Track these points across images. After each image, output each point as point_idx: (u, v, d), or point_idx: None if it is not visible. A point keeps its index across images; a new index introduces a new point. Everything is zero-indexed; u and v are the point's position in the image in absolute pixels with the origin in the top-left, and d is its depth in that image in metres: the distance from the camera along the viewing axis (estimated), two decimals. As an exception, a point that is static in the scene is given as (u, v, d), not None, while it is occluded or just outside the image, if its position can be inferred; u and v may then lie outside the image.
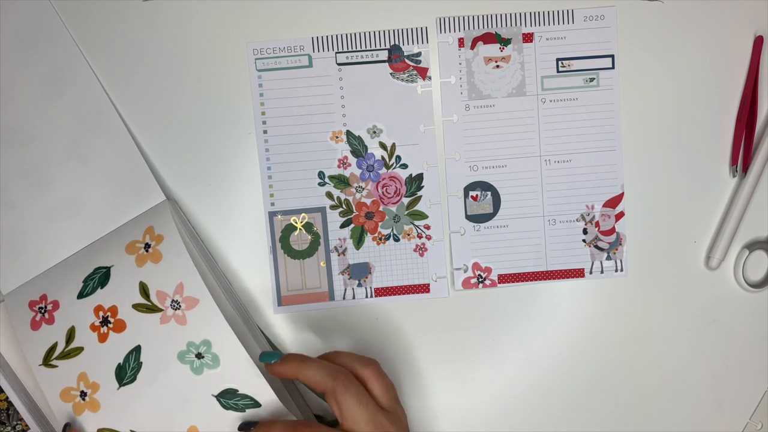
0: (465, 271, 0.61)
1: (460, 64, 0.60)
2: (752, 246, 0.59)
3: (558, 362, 0.61)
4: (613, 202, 0.60)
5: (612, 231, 0.60)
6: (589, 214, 0.61)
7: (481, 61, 0.60)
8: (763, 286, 0.60)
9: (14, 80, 0.59)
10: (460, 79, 0.60)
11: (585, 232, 0.61)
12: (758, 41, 0.59)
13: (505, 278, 0.61)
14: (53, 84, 0.59)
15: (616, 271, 0.61)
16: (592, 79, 0.60)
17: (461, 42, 0.60)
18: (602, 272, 0.61)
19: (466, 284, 0.60)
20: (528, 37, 0.60)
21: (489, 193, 0.60)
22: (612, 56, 0.60)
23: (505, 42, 0.60)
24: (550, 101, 0.60)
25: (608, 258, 0.61)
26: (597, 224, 0.61)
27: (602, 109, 0.60)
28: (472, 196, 0.60)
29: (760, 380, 0.61)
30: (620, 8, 0.59)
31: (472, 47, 0.60)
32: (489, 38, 0.60)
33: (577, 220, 0.61)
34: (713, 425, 0.61)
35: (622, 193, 0.60)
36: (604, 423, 0.61)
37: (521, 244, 0.61)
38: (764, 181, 0.60)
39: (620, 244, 0.61)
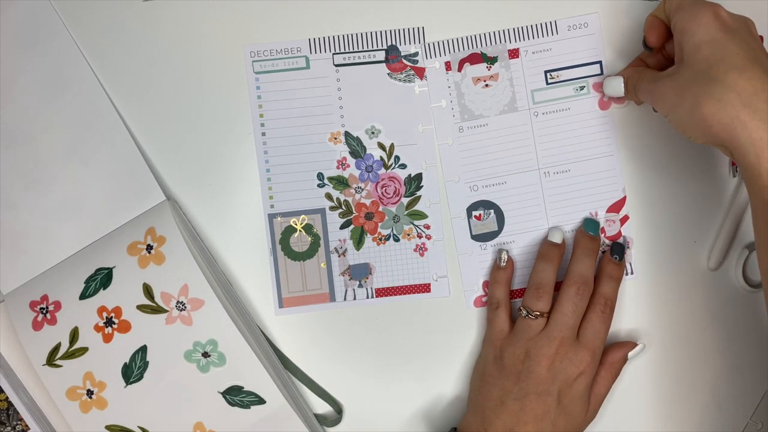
0: (476, 291, 0.64)
1: (449, 87, 0.63)
2: (752, 246, 0.62)
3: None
4: (616, 206, 0.63)
5: (618, 235, 0.63)
6: None
7: (469, 82, 0.63)
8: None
9: (14, 80, 0.62)
10: (451, 102, 0.63)
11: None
12: (758, 41, 0.62)
13: (515, 293, 0.63)
14: (53, 84, 0.62)
15: (626, 274, 0.63)
16: (582, 87, 0.63)
17: (448, 65, 0.63)
18: None
19: (478, 303, 0.64)
20: (514, 53, 0.63)
21: (492, 211, 0.64)
22: (600, 62, 0.63)
23: (491, 60, 0.63)
24: (543, 114, 0.63)
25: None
26: (603, 230, 0.63)
27: (596, 116, 0.63)
28: (475, 216, 0.64)
29: (760, 380, 0.63)
30: (608, 11, 0.63)
31: (459, 69, 0.63)
32: (475, 58, 0.63)
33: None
34: (713, 425, 0.63)
35: (624, 197, 0.63)
36: (604, 423, 0.63)
37: (529, 259, 0.63)
38: (764, 181, 0.62)
39: (628, 248, 0.63)
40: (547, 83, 0.63)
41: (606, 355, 0.60)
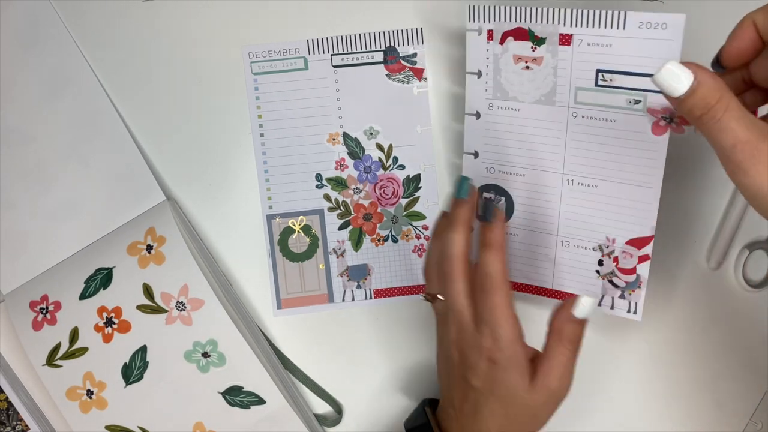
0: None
1: (487, 58, 0.57)
2: (752, 246, 0.63)
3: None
4: (639, 242, 0.57)
5: (632, 271, 0.57)
6: (608, 247, 0.58)
7: (510, 58, 0.56)
8: (763, 286, 0.63)
9: (14, 80, 0.63)
10: (486, 75, 0.57)
11: (600, 263, 0.58)
12: (758, 41, 0.62)
13: (515, 287, 0.62)
14: (53, 84, 0.63)
15: (628, 312, 0.59)
16: (637, 102, 0.53)
17: (490, 34, 0.56)
18: (612, 308, 0.59)
19: None
20: (565, 39, 0.54)
21: (503, 198, 0.60)
22: None
23: (538, 41, 0.55)
24: (582, 117, 0.55)
25: (621, 297, 0.58)
26: (616, 259, 0.58)
27: (644, 139, 0.54)
28: (485, 197, 0.61)
29: (760, 380, 0.64)
30: (696, 16, 0.52)
31: (502, 42, 0.56)
32: (521, 34, 0.55)
33: (593, 249, 0.58)
34: (713, 425, 0.64)
35: (652, 237, 0.56)
36: (604, 423, 0.64)
37: (529, 257, 0.61)
38: (764, 181, 0.63)
39: (638, 287, 0.58)
40: (597, 84, 0.54)
41: (551, 321, 0.53)
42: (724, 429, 0.64)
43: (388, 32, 0.63)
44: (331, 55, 0.63)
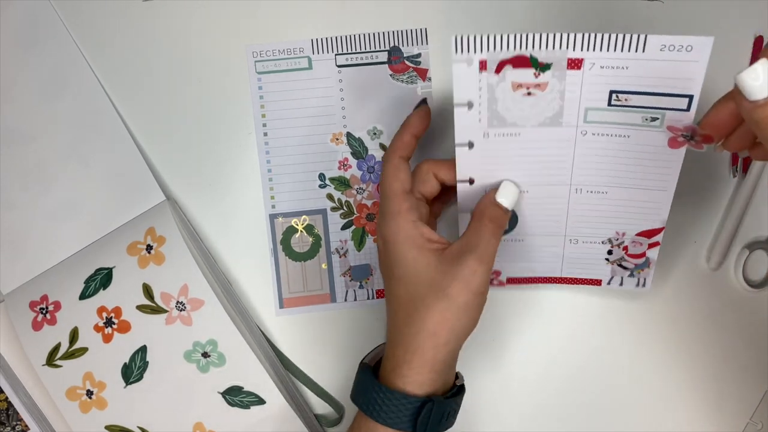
0: None
1: (480, 89, 0.50)
2: (752, 246, 0.63)
3: (558, 362, 0.64)
4: (649, 233, 0.57)
5: (642, 255, 0.58)
6: (617, 239, 0.58)
7: (507, 86, 0.50)
8: (763, 286, 0.63)
9: (14, 80, 0.63)
10: (480, 105, 0.51)
11: (610, 253, 0.59)
12: (758, 41, 0.61)
13: (513, 280, 0.62)
14: (53, 84, 0.63)
15: (637, 286, 0.60)
16: (654, 119, 0.50)
17: (483, 64, 0.49)
18: (621, 285, 0.60)
19: None
20: (575, 63, 0.49)
21: None
22: (690, 97, 0.48)
23: (542, 67, 0.49)
24: (593, 134, 0.52)
25: (631, 275, 0.60)
26: (625, 248, 0.58)
27: (661, 151, 0.51)
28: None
29: (760, 380, 0.64)
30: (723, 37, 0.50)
31: (498, 71, 0.49)
32: (521, 62, 0.49)
33: (602, 242, 0.58)
34: (713, 425, 0.64)
35: (662, 228, 0.57)
36: (604, 422, 0.64)
37: (536, 256, 0.60)
38: (764, 181, 0.62)
39: (648, 267, 0.59)
40: (610, 104, 0.50)
41: (475, 207, 0.53)
42: (724, 429, 0.65)
43: (393, 32, 0.63)
44: (335, 54, 0.63)
